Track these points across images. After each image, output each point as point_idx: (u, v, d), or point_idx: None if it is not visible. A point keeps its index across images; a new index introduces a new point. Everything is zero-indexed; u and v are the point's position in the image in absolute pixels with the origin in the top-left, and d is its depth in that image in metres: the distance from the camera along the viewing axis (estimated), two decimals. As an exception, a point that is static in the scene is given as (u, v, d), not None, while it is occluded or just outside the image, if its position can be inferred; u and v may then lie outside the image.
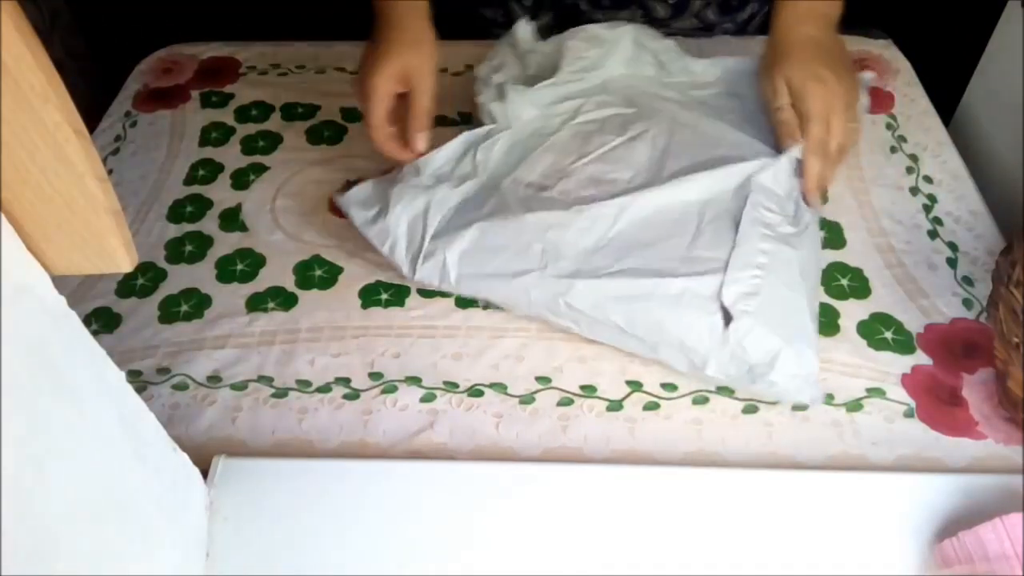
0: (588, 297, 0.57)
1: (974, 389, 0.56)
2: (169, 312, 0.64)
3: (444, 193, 0.63)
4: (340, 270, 0.67)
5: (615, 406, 0.57)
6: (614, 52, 0.74)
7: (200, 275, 0.67)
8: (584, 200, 0.63)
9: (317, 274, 0.67)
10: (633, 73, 0.74)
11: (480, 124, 0.69)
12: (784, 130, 0.63)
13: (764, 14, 0.90)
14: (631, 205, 0.61)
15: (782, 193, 0.62)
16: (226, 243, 0.70)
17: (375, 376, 0.59)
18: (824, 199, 0.69)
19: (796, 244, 0.59)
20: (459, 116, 0.80)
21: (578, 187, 0.64)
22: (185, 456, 0.48)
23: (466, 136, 0.67)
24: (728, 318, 0.54)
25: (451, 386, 0.59)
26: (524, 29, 0.76)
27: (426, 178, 0.65)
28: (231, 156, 0.78)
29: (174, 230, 0.71)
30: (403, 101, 0.65)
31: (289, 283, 0.66)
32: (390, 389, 0.58)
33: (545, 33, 0.79)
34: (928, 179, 0.72)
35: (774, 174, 0.62)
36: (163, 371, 0.60)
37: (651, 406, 0.57)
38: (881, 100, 0.79)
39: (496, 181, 0.66)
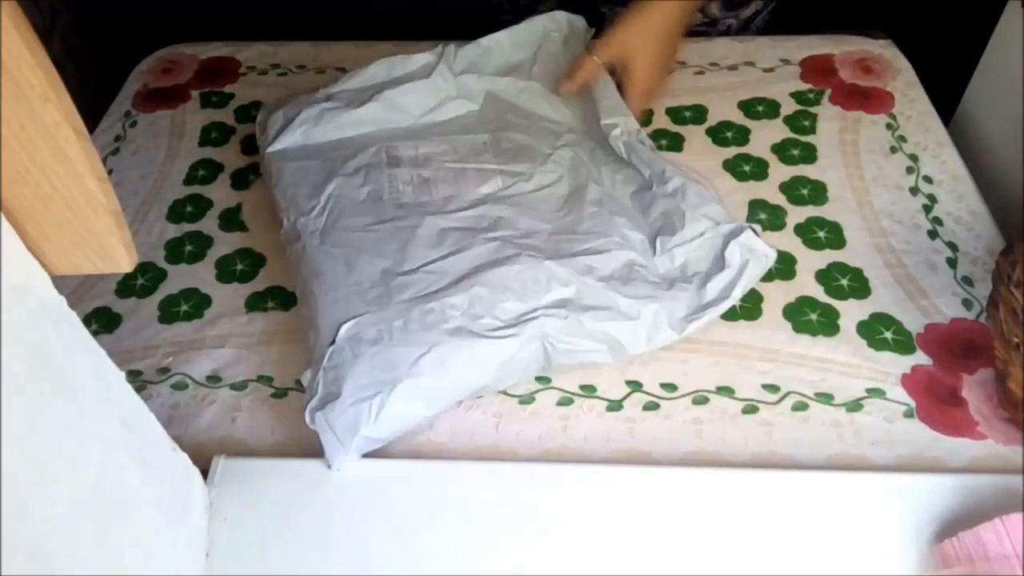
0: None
1: (974, 389, 0.56)
2: (169, 312, 0.64)
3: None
4: (340, 270, 0.67)
5: (615, 406, 0.57)
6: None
7: (200, 275, 0.67)
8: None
9: (317, 274, 0.67)
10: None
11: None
12: (575, 71, 0.73)
13: (769, 12, 0.91)
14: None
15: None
16: (226, 243, 0.70)
17: (375, 376, 0.59)
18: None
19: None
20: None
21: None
22: (185, 456, 0.48)
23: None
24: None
25: (451, 386, 0.58)
26: None
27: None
28: (231, 156, 0.78)
29: (174, 230, 0.71)
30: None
31: (289, 283, 0.66)
32: (390, 389, 0.58)
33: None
34: (928, 179, 0.72)
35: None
36: (163, 371, 0.60)
37: (651, 406, 0.57)
38: (881, 100, 0.79)
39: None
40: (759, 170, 0.74)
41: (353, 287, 0.58)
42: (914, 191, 0.71)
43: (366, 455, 0.54)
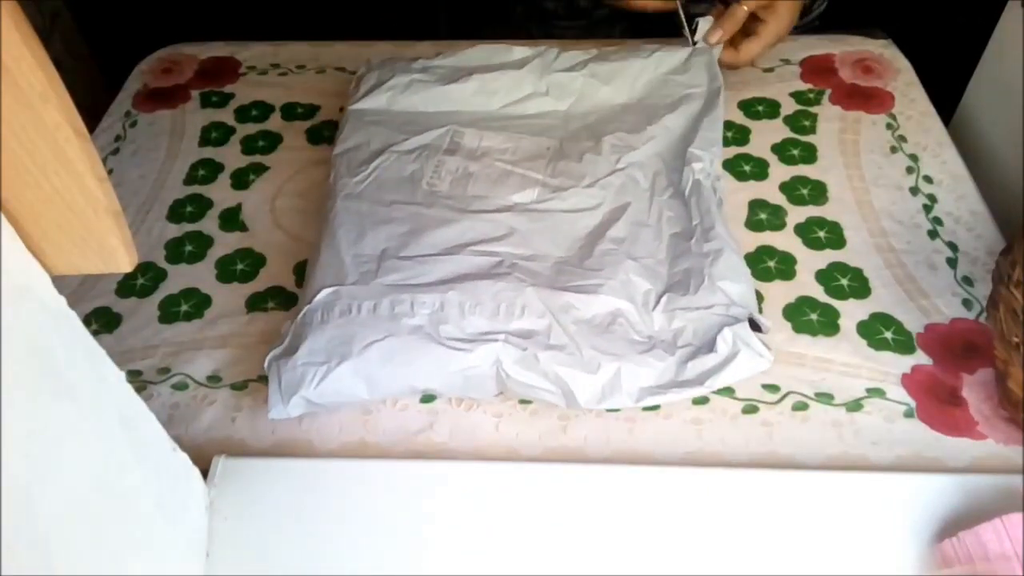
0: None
1: (974, 389, 0.56)
2: (169, 312, 0.64)
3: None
4: (340, 270, 0.67)
5: (615, 406, 0.57)
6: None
7: (200, 275, 0.67)
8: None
9: (317, 274, 0.67)
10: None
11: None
12: (726, 22, 0.75)
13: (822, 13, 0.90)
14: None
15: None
16: (226, 243, 0.70)
17: (375, 376, 0.59)
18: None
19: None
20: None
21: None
22: (185, 456, 0.48)
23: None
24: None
25: (451, 386, 0.58)
26: None
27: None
28: (231, 156, 0.78)
29: (174, 230, 0.71)
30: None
31: (289, 283, 0.66)
32: (390, 389, 0.58)
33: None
34: (928, 179, 0.72)
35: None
36: (163, 371, 0.60)
37: (651, 406, 0.57)
38: (881, 100, 0.79)
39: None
40: (759, 170, 0.74)
41: (353, 257, 0.59)
42: (914, 191, 0.71)
43: (366, 456, 0.54)
